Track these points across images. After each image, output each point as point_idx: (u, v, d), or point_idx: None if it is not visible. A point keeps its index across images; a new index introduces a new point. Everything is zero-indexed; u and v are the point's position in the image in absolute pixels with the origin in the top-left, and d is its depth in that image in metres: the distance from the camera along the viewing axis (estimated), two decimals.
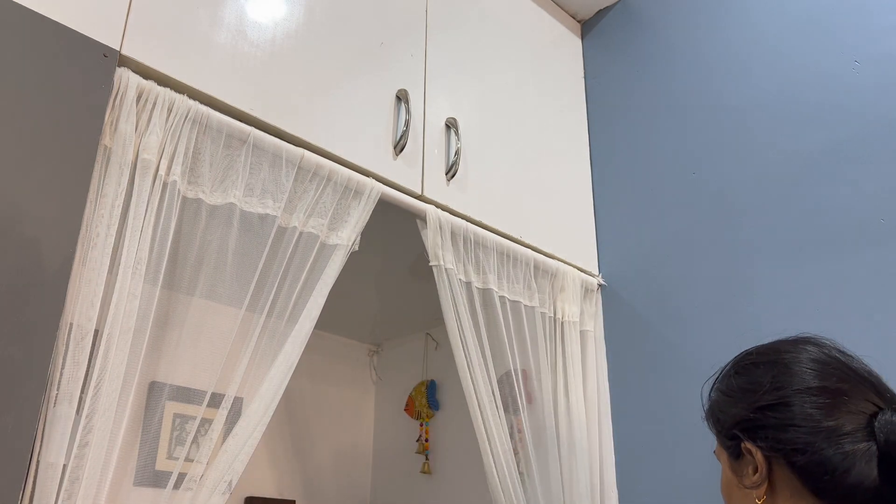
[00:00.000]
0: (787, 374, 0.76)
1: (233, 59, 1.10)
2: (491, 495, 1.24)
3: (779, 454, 0.73)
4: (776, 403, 0.75)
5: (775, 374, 0.76)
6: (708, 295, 1.45)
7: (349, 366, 2.08)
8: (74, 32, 0.93)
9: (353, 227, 1.17)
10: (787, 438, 0.72)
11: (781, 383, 0.75)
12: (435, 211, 1.30)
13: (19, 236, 0.83)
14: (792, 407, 0.73)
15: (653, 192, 1.62)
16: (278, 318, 1.06)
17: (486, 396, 1.27)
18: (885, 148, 1.27)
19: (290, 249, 1.09)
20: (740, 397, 0.79)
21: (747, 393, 0.78)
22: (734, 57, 1.56)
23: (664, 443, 1.42)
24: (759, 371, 0.79)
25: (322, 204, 1.15)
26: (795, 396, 0.74)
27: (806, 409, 0.72)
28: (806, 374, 0.75)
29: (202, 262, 1.01)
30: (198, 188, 1.02)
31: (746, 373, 0.80)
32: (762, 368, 0.78)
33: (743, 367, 0.81)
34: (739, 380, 0.80)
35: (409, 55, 1.39)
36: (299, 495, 1.83)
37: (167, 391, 0.98)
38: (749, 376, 0.79)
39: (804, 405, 0.73)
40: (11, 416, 0.78)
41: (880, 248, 1.23)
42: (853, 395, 0.73)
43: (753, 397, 0.77)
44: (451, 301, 1.27)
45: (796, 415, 0.73)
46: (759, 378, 0.78)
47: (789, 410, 0.73)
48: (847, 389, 0.73)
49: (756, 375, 0.78)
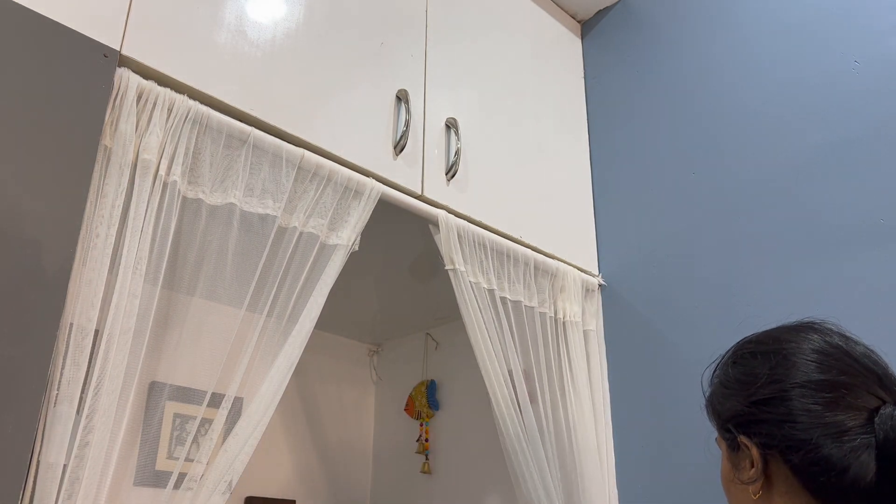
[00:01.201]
0: (786, 367, 0.72)
1: (233, 59, 1.10)
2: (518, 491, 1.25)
3: (774, 450, 0.70)
4: (773, 397, 0.71)
5: (773, 366, 0.73)
6: (708, 295, 1.45)
7: (349, 366, 2.08)
8: (74, 32, 0.93)
9: (353, 228, 1.17)
10: (784, 435, 0.70)
11: (779, 376, 0.72)
12: (446, 216, 1.31)
13: (19, 236, 0.83)
14: (789, 402, 0.70)
15: (653, 192, 1.62)
16: (278, 318, 1.06)
17: (503, 394, 1.29)
18: (884, 148, 1.27)
19: (290, 249, 1.09)
20: (737, 389, 0.75)
21: (744, 385, 0.75)
22: (734, 57, 1.56)
23: (664, 443, 1.42)
24: (756, 362, 0.75)
25: (322, 204, 1.15)
26: (793, 391, 0.70)
27: (804, 403, 0.69)
28: (805, 367, 0.71)
29: (202, 262, 1.01)
30: (198, 188, 1.02)
31: (744, 363, 0.77)
32: (760, 359, 0.75)
33: (741, 357, 0.78)
34: (736, 370, 0.77)
35: (409, 55, 1.39)
36: (299, 495, 1.83)
37: (167, 391, 0.98)
38: (746, 367, 0.76)
39: (802, 400, 0.69)
40: (11, 416, 0.78)
41: (880, 248, 1.23)
42: (855, 388, 0.69)
43: (750, 390, 0.73)
44: (466, 303, 1.29)
45: (794, 410, 0.69)
46: (757, 369, 0.74)
47: (786, 405, 0.70)
48: (848, 382, 0.69)
49: (753, 366, 0.75)
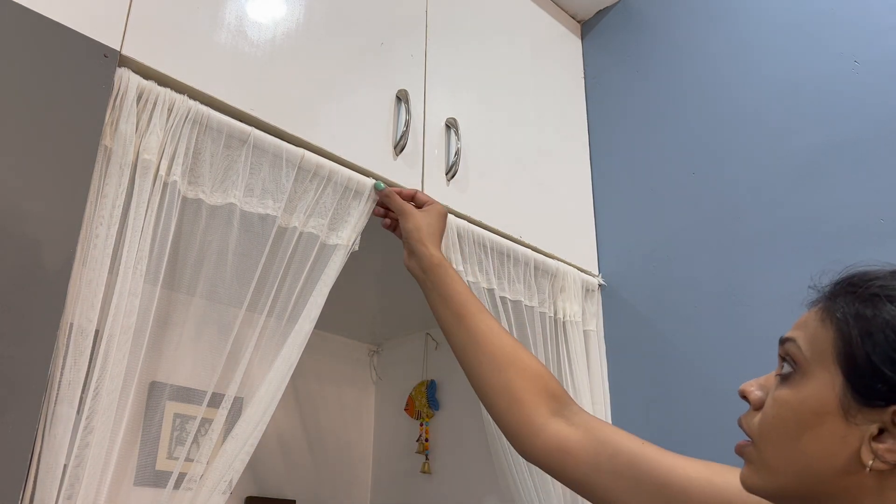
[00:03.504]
0: None
1: (233, 59, 1.10)
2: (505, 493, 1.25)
3: None
4: None
5: None
6: (708, 295, 1.45)
7: (349, 366, 2.08)
8: (74, 32, 0.93)
9: (354, 228, 1.17)
10: None
11: None
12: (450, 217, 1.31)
13: (19, 236, 0.83)
14: None
15: (653, 192, 1.62)
16: (278, 318, 1.06)
17: None
18: (884, 148, 1.27)
19: (290, 249, 1.09)
20: None
21: None
22: (734, 57, 1.56)
23: (665, 443, 1.42)
24: None
25: (322, 204, 1.15)
26: None
27: None
28: None
29: (202, 262, 1.01)
30: (198, 188, 1.02)
31: None
32: None
33: None
34: None
35: (409, 55, 1.39)
36: (299, 495, 1.83)
37: (167, 391, 0.98)
38: None
39: None
40: (11, 416, 0.78)
41: (880, 248, 1.23)
42: None
43: None
44: None
45: None
46: None
47: None
48: None
49: None
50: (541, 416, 0.94)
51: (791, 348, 0.63)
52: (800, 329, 0.64)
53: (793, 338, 0.64)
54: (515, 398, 0.96)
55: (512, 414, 0.96)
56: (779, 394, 0.62)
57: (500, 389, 0.98)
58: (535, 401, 0.95)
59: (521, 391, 0.96)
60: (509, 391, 0.97)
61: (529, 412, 0.94)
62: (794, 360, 0.63)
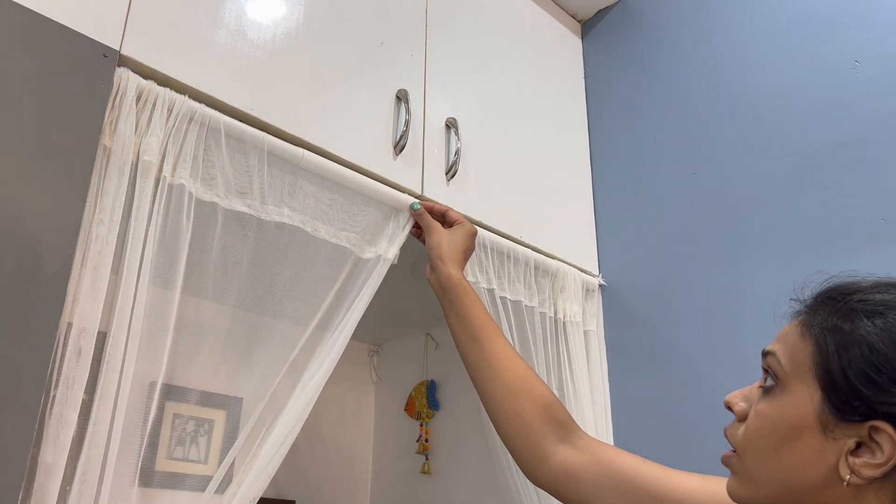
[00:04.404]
0: None
1: (232, 58, 1.10)
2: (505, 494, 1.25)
3: None
4: None
5: None
6: (708, 295, 1.45)
7: (349, 366, 2.08)
8: (74, 32, 0.93)
9: (358, 230, 1.17)
10: None
11: None
12: None
13: (19, 236, 0.83)
14: None
15: (653, 192, 1.62)
16: (282, 320, 1.06)
17: None
18: (885, 148, 1.27)
19: (290, 250, 1.10)
20: None
21: None
22: (734, 57, 1.56)
23: (665, 443, 1.42)
24: None
25: (322, 203, 1.15)
26: None
27: None
28: None
29: (202, 262, 1.01)
30: (198, 188, 1.02)
31: None
32: None
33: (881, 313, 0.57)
34: None
35: (409, 55, 1.39)
36: (299, 495, 1.83)
37: (167, 391, 0.98)
38: None
39: None
40: (11, 416, 0.78)
41: (881, 248, 1.23)
42: None
43: None
44: None
45: None
46: None
47: None
48: None
49: None
50: (549, 443, 0.97)
51: (772, 362, 0.64)
52: (780, 342, 0.65)
53: (773, 351, 0.65)
54: (526, 424, 0.98)
55: (522, 439, 0.98)
56: (759, 407, 0.63)
57: (511, 415, 1.00)
58: (544, 429, 0.98)
59: (531, 419, 0.98)
60: (520, 417, 0.99)
61: (539, 438, 0.97)
62: (774, 374, 0.63)
